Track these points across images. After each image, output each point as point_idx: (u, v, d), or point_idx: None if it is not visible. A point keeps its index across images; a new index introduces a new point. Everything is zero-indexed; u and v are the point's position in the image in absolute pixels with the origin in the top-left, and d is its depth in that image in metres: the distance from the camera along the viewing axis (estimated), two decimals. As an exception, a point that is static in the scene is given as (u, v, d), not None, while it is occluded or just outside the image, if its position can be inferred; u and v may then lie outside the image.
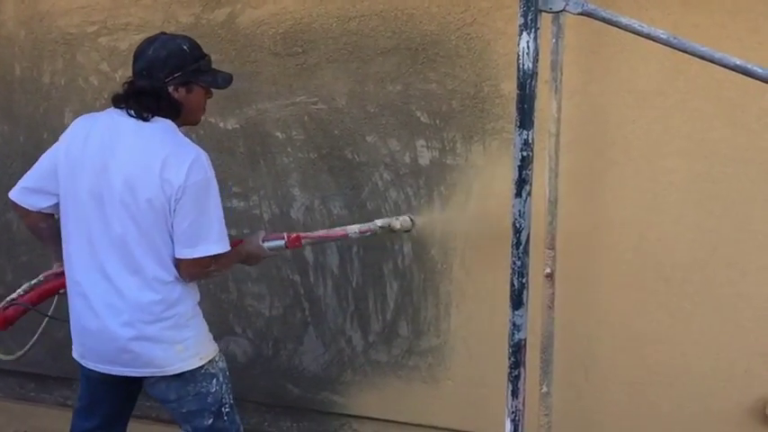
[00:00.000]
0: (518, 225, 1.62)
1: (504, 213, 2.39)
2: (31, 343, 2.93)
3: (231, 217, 2.93)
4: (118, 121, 2.05)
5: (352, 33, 2.65)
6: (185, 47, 2.08)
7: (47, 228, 2.22)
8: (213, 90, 2.21)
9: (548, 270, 2.32)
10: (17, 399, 3.43)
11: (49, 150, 2.20)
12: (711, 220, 2.35)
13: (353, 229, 2.46)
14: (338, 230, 2.48)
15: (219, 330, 2.97)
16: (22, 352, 2.98)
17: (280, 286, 2.94)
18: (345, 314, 2.88)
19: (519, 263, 1.62)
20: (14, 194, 2.20)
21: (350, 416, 2.97)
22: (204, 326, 2.22)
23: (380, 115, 2.68)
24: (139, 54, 2.07)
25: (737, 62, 1.51)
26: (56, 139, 3.08)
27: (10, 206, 2.28)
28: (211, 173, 2.06)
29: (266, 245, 2.33)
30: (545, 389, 2.38)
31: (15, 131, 3.15)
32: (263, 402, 3.08)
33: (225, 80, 2.19)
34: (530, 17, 1.55)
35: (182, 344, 2.11)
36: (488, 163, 2.55)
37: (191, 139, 2.91)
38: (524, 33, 1.55)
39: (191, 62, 2.07)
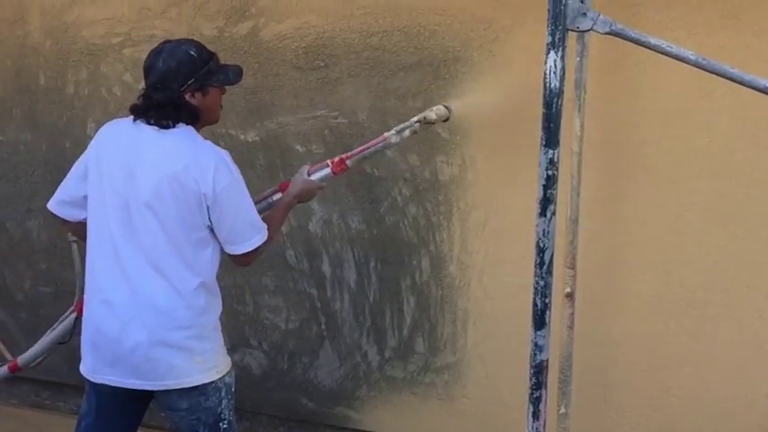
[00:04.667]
0: (542, 245, 1.61)
1: (523, 231, 2.39)
2: (47, 351, 2.94)
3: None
4: (141, 129, 2.09)
5: (374, 48, 2.65)
6: (193, 52, 2.08)
7: (83, 228, 2.22)
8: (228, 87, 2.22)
9: (568, 289, 2.31)
10: (32, 406, 3.44)
11: (79, 159, 2.21)
12: (734, 243, 2.32)
13: (391, 132, 2.39)
14: (377, 139, 2.40)
15: (235, 342, 2.98)
16: (38, 360, 2.99)
17: (296, 299, 2.94)
18: (362, 329, 2.87)
19: (542, 282, 1.61)
20: (52, 206, 2.24)
21: (364, 431, 2.96)
22: (221, 339, 2.22)
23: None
24: (150, 68, 2.08)
25: (767, 83, 1.50)
26: (78, 148, 3.10)
27: (51, 215, 2.29)
28: (236, 170, 2.10)
29: (314, 177, 2.32)
30: (563, 410, 2.36)
31: (38, 140, 3.18)
32: (277, 416, 3.07)
33: (236, 74, 2.20)
34: (557, 36, 1.55)
35: (201, 356, 2.11)
36: (509, 180, 2.54)
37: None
38: (551, 52, 1.55)
39: (201, 66, 2.08)
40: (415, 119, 2.44)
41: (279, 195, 2.33)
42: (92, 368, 2.16)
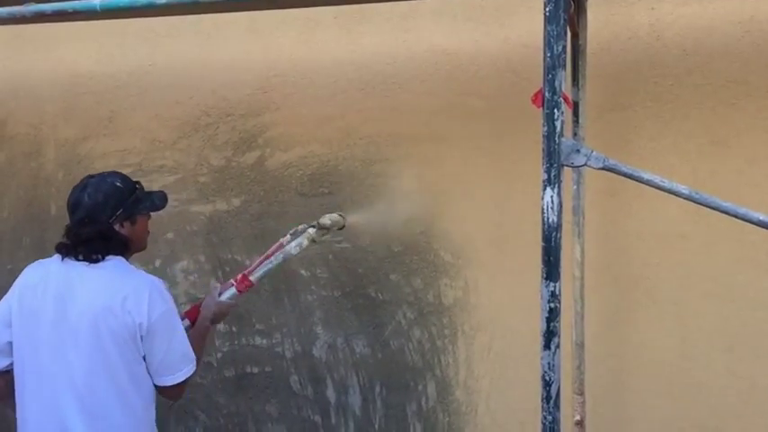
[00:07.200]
0: (547, 378, 1.59)
1: (529, 354, 2.38)
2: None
3: (254, 354, 2.92)
4: (70, 267, 2.02)
5: (376, 176, 2.73)
6: (118, 183, 2.08)
7: (4, 385, 2.06)
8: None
9: (577, 417, 2.26)
10: None
11: None
12: (743, 366, 2.30)
13: (286, 238, 2.37)
14: (274, 247, 2.37)
15: (237, 474, 2.89)
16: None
17: (300, 428, 2.87)
18: (367, 458, 2.79)
19: (550, 418, 1.58)
20: None
21: None
22: None
23: (404, 254, 2.71)
24: (76, 203, 2.04)
25: (760, 217, 1.53)
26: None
27: None
28: (170, 298, 2.06)
29: (223, 298, 2.27)
30: None
31: (46, 267, 3.22)
32: None
33: (161, 199, 2.20)
34: (553, 173, 1.59)
35: None
36: (512, 304, 2.55)
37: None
38: (548, 188, 1.59)
39: (128, 195, 2.07)
40: (308, 225, 2.41)
41: (186, 321, 2.23)
42: None
